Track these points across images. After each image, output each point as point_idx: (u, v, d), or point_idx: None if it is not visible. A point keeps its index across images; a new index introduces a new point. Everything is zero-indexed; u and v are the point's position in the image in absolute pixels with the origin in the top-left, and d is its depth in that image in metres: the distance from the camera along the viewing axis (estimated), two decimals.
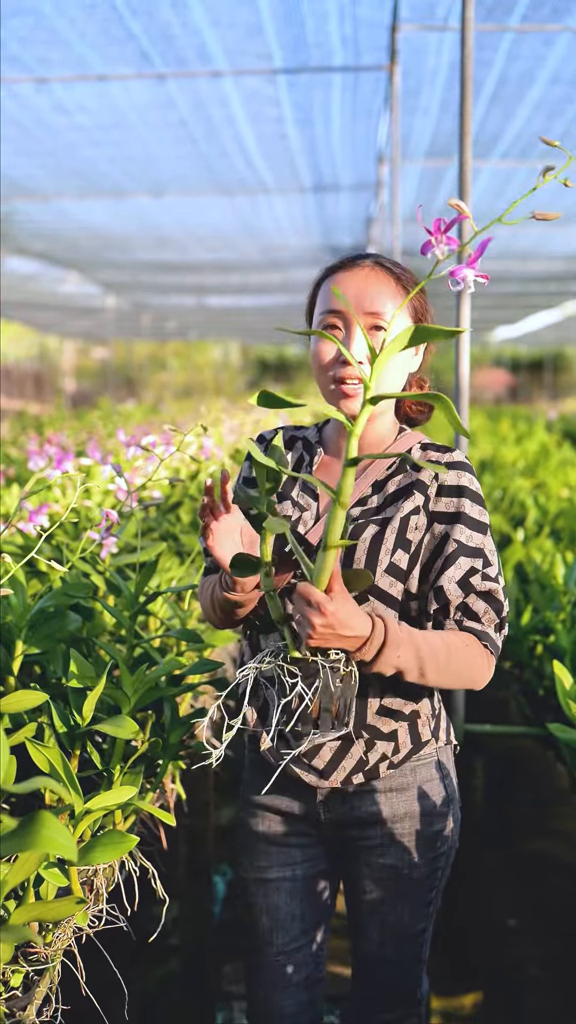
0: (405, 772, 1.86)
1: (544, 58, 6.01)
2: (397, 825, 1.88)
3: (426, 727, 1.86)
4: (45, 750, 1.54)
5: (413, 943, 1.95)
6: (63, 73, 6.07)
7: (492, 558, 1.81)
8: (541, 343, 30.51)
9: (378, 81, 6.41)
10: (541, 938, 3.25)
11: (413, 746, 1.85)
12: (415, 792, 1.87)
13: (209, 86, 6.39)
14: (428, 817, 1.88)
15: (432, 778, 1.89)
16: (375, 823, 1.88)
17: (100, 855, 1.50)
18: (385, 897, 1.91)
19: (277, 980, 1.99)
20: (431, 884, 1.93)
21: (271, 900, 1.97)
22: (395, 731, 1.83)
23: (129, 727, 1.75)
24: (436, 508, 1.80)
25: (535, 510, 4.82)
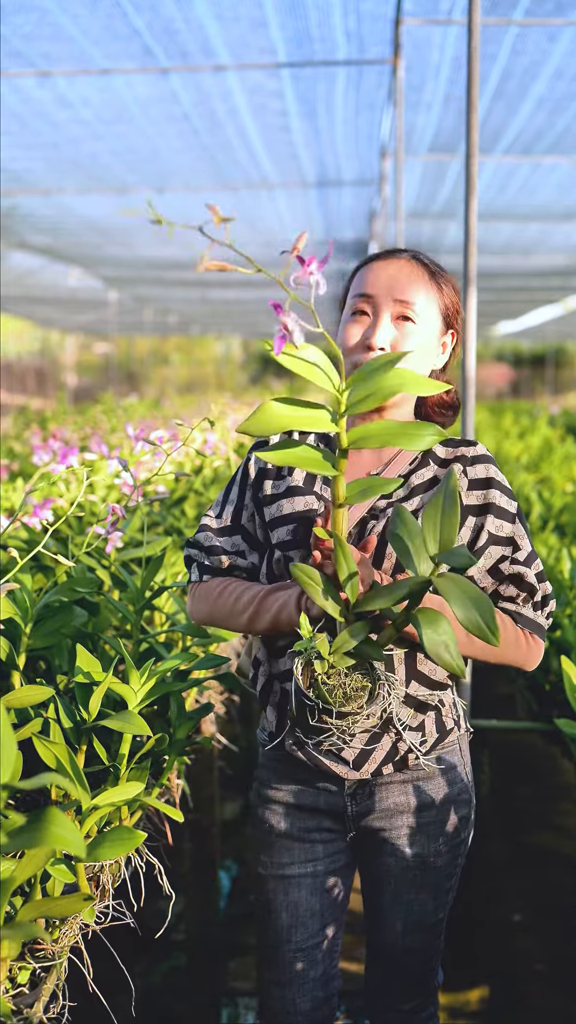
0: (431, 760, 1.88)
1: (548, 53, 5.98)
2: (424, 813, 1.89)
3: (449, 716, 1.88)
4: (52, 746, 1.53)
5: (434, 931, 1.97)
6: (66, 68, 6.04)
7: (523, 543, 1.83)
8: (543, 338, 30.46)
9: (381, 75, 6.38)
10: (546, 933, 3.25)
11: (439, 735, 1.87)
12: (441, 780, 1.89)
13: (212, 80, 6.37)
14: (453, 804, 1.90)
15: (455, 765, 1.91)
16: (403, 812, 1.89)
17: (107, 851, 1.49)
18: (411, 887, 1.92)
19: (294, 977, 1.98)
20: (452, 871, 1.95)
21: (291, 896, 1.96)
22: (423, 721, 1.85)
23: (136, 723, 1.74)
24: (467, 502, 1.82)
25: (539, 505, 4.81)
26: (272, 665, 1.91)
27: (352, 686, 1.62)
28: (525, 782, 3.86)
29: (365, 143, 7.88)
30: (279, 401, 1.50)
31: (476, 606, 1.47)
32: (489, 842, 2.84)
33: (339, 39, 5.72)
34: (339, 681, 1.63)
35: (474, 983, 3.11)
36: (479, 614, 1.47)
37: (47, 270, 15.16)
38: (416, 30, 5.75)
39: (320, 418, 1.49)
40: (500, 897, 3.50)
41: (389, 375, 1.49)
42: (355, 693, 1.62)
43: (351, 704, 1.61)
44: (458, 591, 1.49)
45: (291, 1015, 1.99)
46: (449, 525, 1.53)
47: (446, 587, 1.49)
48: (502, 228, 11.13)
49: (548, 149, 7.87)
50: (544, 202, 9.85)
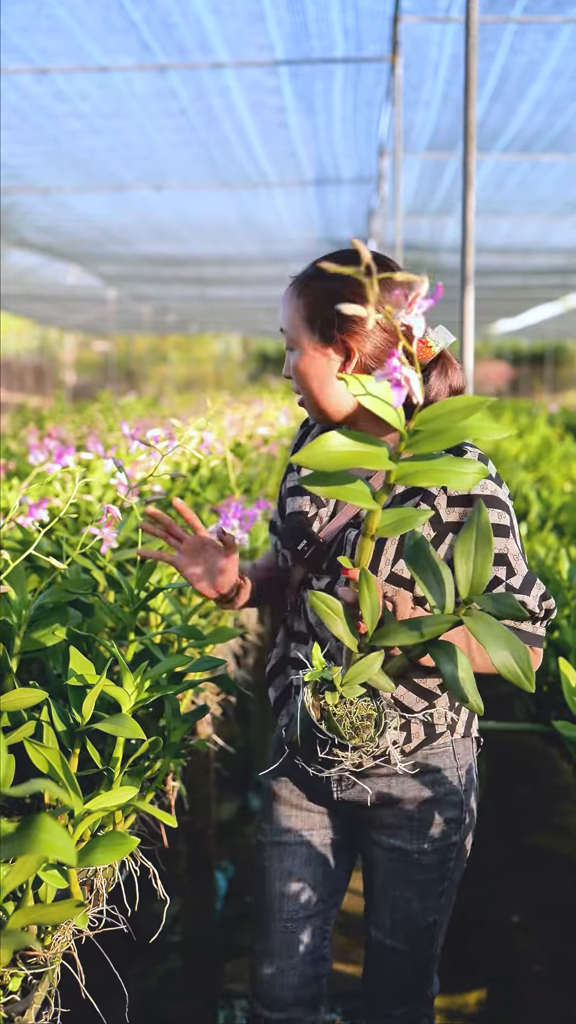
0: (416, 759, 1.86)
1: (547, 51, 5.97)
2: (406, 807, 1.88)
3: (442, 720, 1.86)
4: (44, 750, 1.52)
5: (424, 935, 1.94)
6: (64, 63, 6.03)
7: (517, 564, 1.75)
8: (542, 336, 30.45)
9: (380, 73, 6.37)
10: (546, 933, 3.24)
11: (426, 737, 1.86)
12: (426, 779, 1.88)
13: (210, 76, 6.36)
14: (437, 803, 1.88)
15: (444, 767, 1.89)
16: (385, 804, 1.89)
17: (100, 857, 1.47)
18: (395, 880, 1.92)
19: (283, 949, 2.00)
20: (442, 874, 1.92)
21: (285, 864, 2.00)
22: (408, 723, 1.84)
23: (129, 726, 1.72)
24: (449, 519, 1.75)
25: (538, 504, 4.80)
26: (287, 648, 1.98)
27: (357, 715, 1.62)
28: (524, 783, 3.84)
29: (363, 141, 7.87)
30: (336, 437, 1.41)
31: (511, 649, 1.46)
32: (487, 843, 2.82)
33: (337, 36, 5.70)
34: (345, 711, 1.62)
35: (473, 985, 3.09)
36: (514, 658, 1.46)
37: (46, 268, 15.14)
38: (414, 27, 5.74)
39: (380, 455, 1.41)
40: (499, 898, 3.49)
41: (465, 420, 1.40)
42: (361, 723, 1.62)
43: (360, 736, 1.60)
44: (492, 635, 1.47)
45: (278, 988, 2.00)
46: (482, 565, 1.51)
47: (479, 629, 1.48)
48: (501, 226, 11.12)
49: (547, 147, 7.87)
50: (543, 200, 9.83)
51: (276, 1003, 2.01)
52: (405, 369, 1.33)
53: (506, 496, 1.79)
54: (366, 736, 1.60)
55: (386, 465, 1.40)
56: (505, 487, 1.81)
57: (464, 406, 1.41)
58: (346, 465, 1.39)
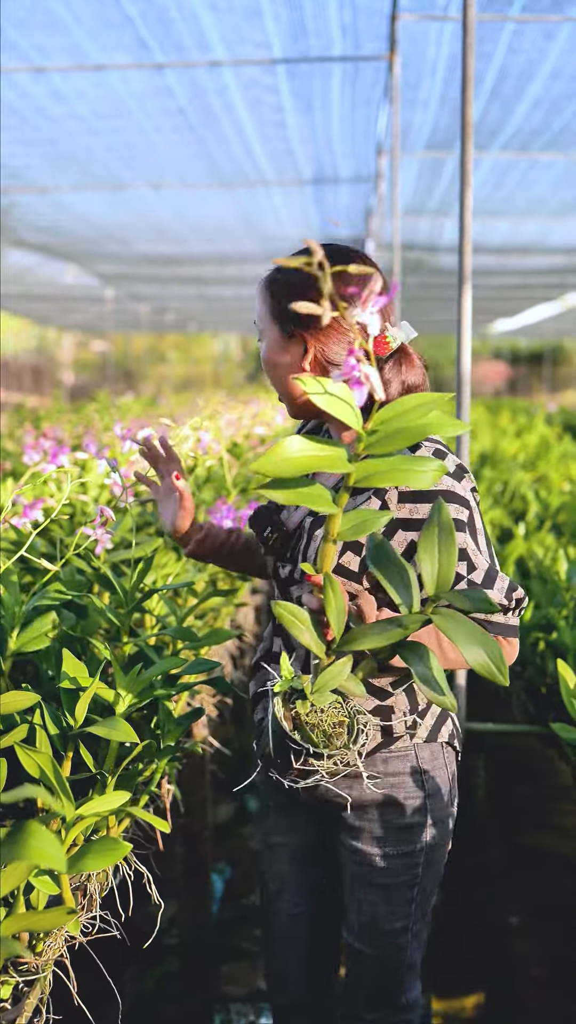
0: (375, 762, 1.85)
1: (545, 51, 5.95)
2: (367, 811, 1.87)
3: (400, 723, 1.84)
4: (36, 755, 1.50)
5: (392, 940, 1.93)
6: (60, 62, 6.00)
7: (477, 558, 1.72)
8: (540, 335, 30.44)
9: (378, 71, 6.34)
10: (544, 936, 3.22)
11: (383, 740, 1.84)
12: (384, 782, 1.85)
13: (208, 75, 6.33)
14: (397, 808, 1.86)
15: (403, 771, 1.86)
16: (345, 806, 1.88)
17: (92, 862, 1.45)
18: (360, 883, 1.92)
19: (285, 943, 2.07)
20: (409, 880, 1.90)
21: (275, 867, 2.05)
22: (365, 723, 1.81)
23: (122, 729, 1.70)
24: (400, 515, 1.73)
25: (536, 504, 4.78)
26: (272, 642, 1.98)
27: (329, 722, 1.60)
28: (521, 783, 3.82)
29: (361, 140, 7.85)
30: (294, 441, 1.39)
31: (483, 646, 1.44)
32: (485, 844, 2.80)
33: (335, 34, 5.68)
34: (317, 719, 1.59)
35: (470, 988, 3.07)
36: (487, 654, 1.44)
37: (44, 267, 15.12)
38: (412, 26, 5.72)
39: (339, 458, 1.39)
40: (497, 899, 3.47)
41: (422, 418, 1.39)
42: (333, 730, 1.59)
43: (334, 743, 1.58)
44: (463, 632, 1.45)
45: (284, 977, 2.08)
46: (447, 562, 1.49)
47: (449, 626, 1.46)
48: (499, 225, 11.09)
49: (545, 146, 7.84)
50: (541, 199, 9.81)
51: (283, 989, 2.10)
52: (364, 367, 1.31)
53: (466, 490, 1.76)
54: (340, 743, 1.58)
55: (345, 468, 1.38)
56: (468, 480, 1.77)
57: (420, 403, 1.40)
58: (304, 470, 1.36)
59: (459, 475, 1.76)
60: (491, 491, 5.33)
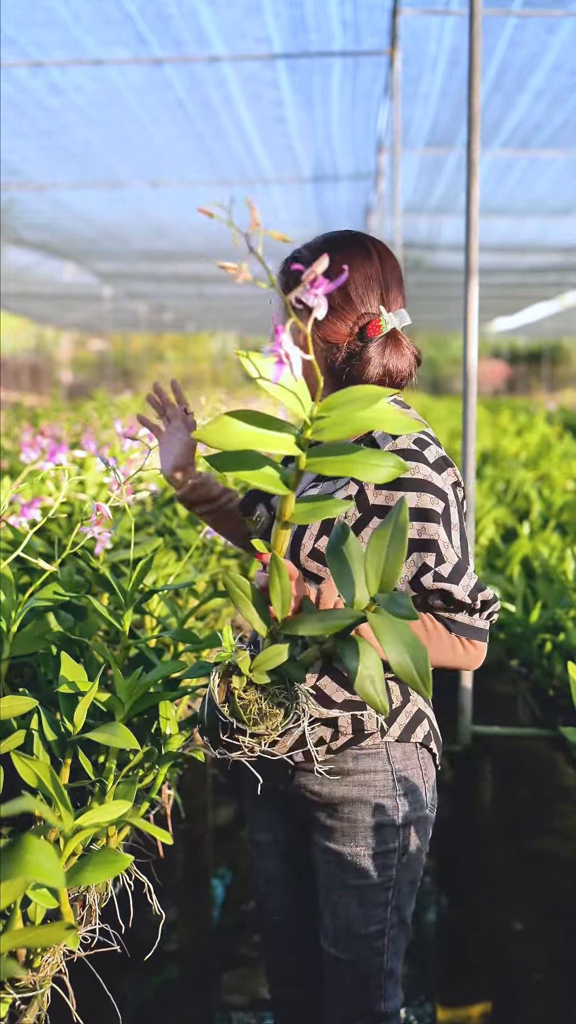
0: (346, 759, 1.81)
1: (547, 45, 5.91)
2: (338, 809, 1.84)
3: (372, 719, 1.80)
4: (33, 763, 1.44)
5: (366, 945, 1.88)
6: (59, 57, 5.95)
7: (447, 551, 1.69)
8: (539, 334, 30.40)
9: (378, 67, 6.29)
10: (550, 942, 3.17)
11: (354, 735, 1.80)
12: (356, 780, 1.82)
13: (207, 70, 6.28)
14: (368, 806, 1.83)
15: (375, 770, 1.82)
16: (318, 804, 1.85)
17: (91, 875, 1.40)
18: (333, 884, 1.88)
19: (282, 940, 2.06)
20: (383, 883, 1.86)
21: (262, 863, 2.04)
22: (335, 718, 1.79)
23: (123, 736, 1.65)
24: (376, 501, 1.72)
25: (539, 503, 4.73)
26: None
27: (268, 703, 1.56)
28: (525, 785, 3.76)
29: (361, 136, 7.80)
30: (241, 416, 1.37)
31: (410, 652, 1.39)
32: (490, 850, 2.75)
33: (335, 29, 5.63)
34: (255, 696, 1.56)
35: (474, 994, 3.02)
36: (412, 661, 1.39)
37: (42, 266, 15.08)
38: (413, 20, 5.67)
39: (284, 441, 1.37)
40: (501, 903, 3.41)
41: (365, 410, 1.36)
42: (270, 711, 1.56)
43: (265, 723, 1.55)
44: (392, 634, 1.40)
45: (284, 977, 2.08)
46: (393, 562, 1.45)
47: (380, 626, 1.42)
48: (499, 224, 11.05)
49: (546, 143, 7.80)
50: (541, 197, 9.77)
51: (280, 983, 2.10)
52: (288, 346, 1.28)
53: (446, 483, 1.73)
54: (271, 724, 1.55)
55: (291, 450, 1.36)
56: (450, 475, 1.75)
57: (364, 395, 1.37)
58: (247, 446, 1.35)
59: (440, 467, 1.74)
60: (493, 490, 5.28)
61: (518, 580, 3.19)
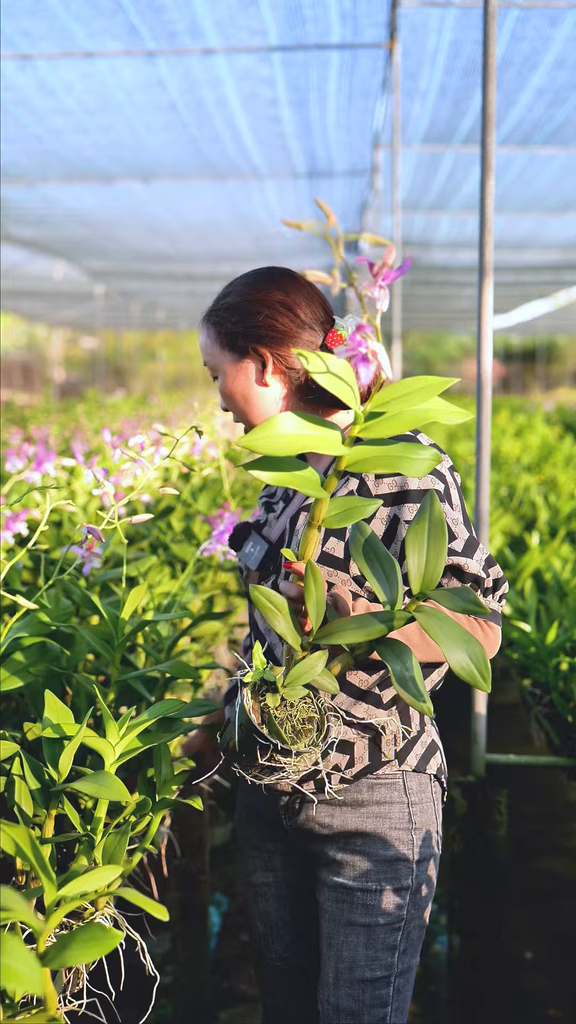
0: (361, 788, 1.72)
1: (549, 39, 5.75)
2: (349, 842, 1.73)
3: (390, 746, 1.71)
4: (11, 829, 1.28)
5: (371, 993, 1.72)
6: (48, 50, 5.77)
7: (457, 528, 1.66)
8: (534, 332, 30.28)
9: (376, 61, 6.13)
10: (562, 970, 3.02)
11: (370, 763, 1.71)
12: (371, 811, 1.72)
13: (200, 64, 6.11)
14: (382, 840, 1.72)
15: (391, 800, 1.72)
16: (328, 837, 1.74)
17: (76, 955, 1.24)
18: (339, 924, 1.74)
19: (281, 984, 1.94)
20: (392, 923, 1.73)
21: (260, 906, 1.92)
22: (352, 744, 1.70)
23: (112, 787, 1.49)
24: (379, 491, 1.67)
25: (546, 510, 4.56)
26: (251, 638, 1.90)
27: (299, 718, 1.48)
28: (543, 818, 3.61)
29: (357, 132, 7.63)
30: (288, 418, 1.32)
31: (466, 648, 1.36)
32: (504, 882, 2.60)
33: (333, 20, 5.46)
34: (286, 714, 1.47)
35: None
36: (471, 658, 1.36)
37: (32, 263, 14.91)
38: (413, 13, 5.50)
39: (332, 440, 1.32)
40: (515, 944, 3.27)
41: (422, 403, 1.32)
42: (303, 726, 1.47)
43: (303, 740, 1.46)
44: (446, 631, 1.37)
45: (281, 1018, 1.95)
46: (435, 557, 1.41)
47: (432, 625, 1.37)
48: (496, 222, 10.89)
49: (546, 140, 7.65)
50: (539, 195, 9.63)
51: None
52: (372, 343, 1.25)
53: (443, 465, 1.70)
54: (307, 740, 1.47)
55: (339, 450, 1.32)
56: (445, 458, 1.72)
57: (425, 386, 1.34)
58: (297, 450, 1.30)
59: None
60: (497, 494, 5.12)
61: (530, 596, 3.03)
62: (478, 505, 2.50)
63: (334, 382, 1.29)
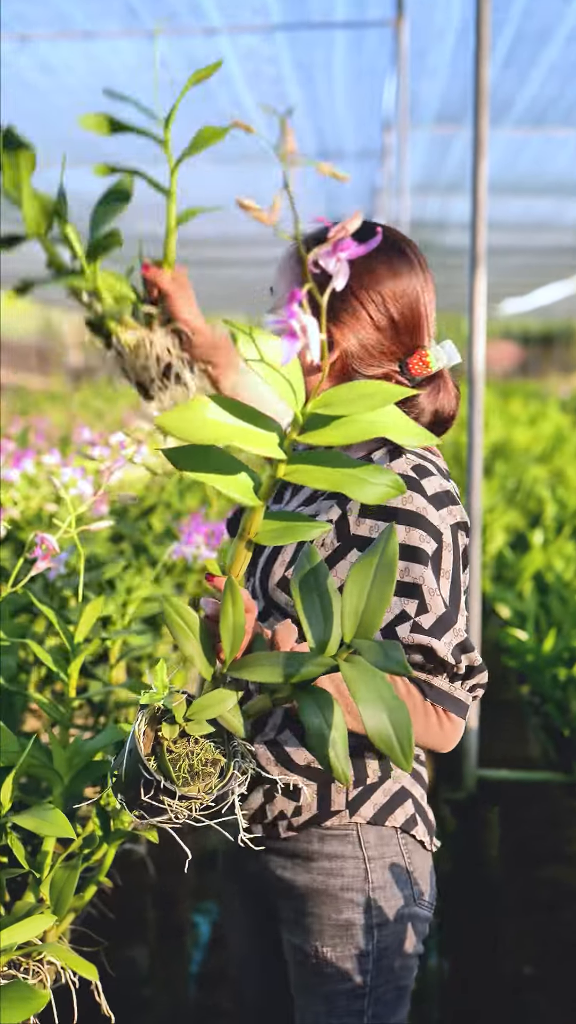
0: (311, 839, 1.52)
1: (563, 15, 5.60)
2: (300, 901, 1.54)
3: (340, 794, 1.50)
4: None
5: None
6: (46, 31, 5.65)
7: (433, 599, 1.40)
8: (552, 316, 30.02)
9: (383, 39, 5.98)
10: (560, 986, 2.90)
11: (318, 812, 1.50)
12: (320, 866, 1.52)
13: (203, 45, 5.97)
14: (334, 900, 1.51)
15: (344, 855, 1.51)
16: (284, 892, 1.56)
17: None
18: (299, 987, 1.58)
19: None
20: (353, 990, 1.52)
21: (236, 949, 1.77)
22: (299, 789, 1.49)
23: (56, 823, 1.38)
24: (358, 531, 1.44)
25: (553, 504, 4.41)
26: None
27: (201, 758, 1.27)
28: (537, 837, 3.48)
29: (366, 113, 7.49)
30: (218, 402, 1.12)
31: (389, 715, 1.12)
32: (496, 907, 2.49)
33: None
34: (185, 750, 1.27)
35: None
36: (392, 726, 1.12)
37: None
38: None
39: (266, 440, 1.13)
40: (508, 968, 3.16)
41: (373, 411, 1.12)
42: (203, 768, 1.26)
43: (197, 784, 1.25)
44: (370, 690, 1.13)
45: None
46: (376, 602, 1.18)
47: (355, 679, 1.14)
48: (513, 204, 10.73)
49: (561, 120, 7.49)
50: (556, 177, 9.47)
51: None
52: (304, 316, 1.03)
53: (444, 521, 1.43)
54: (204, 786, 1.25)
55: (274, 453, 1.12)
56: (452, 514, 1.45)
57: (377, 391, 1.12)
58: (220, 441, 1.10)
59: (440, 502, 1.44)
60: (503, 488, 4.98)
61: (529, 599, 2.89)
62: (470, 509, 2.37)
63: (269, 373, 1.12)
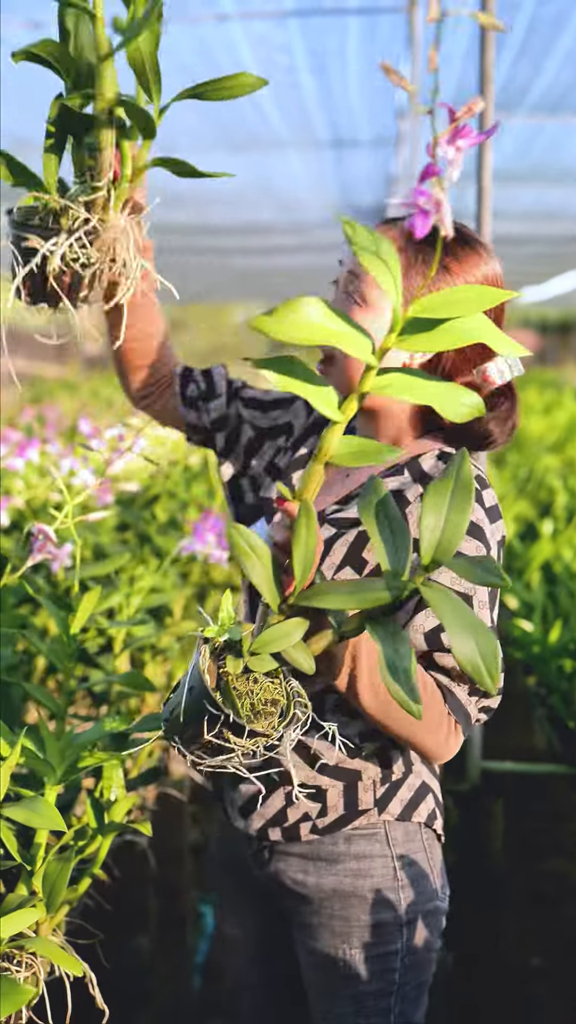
0: (337, 840, 1.51)
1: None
2: (326, 904, 1.52)
3: (368, 792, 1.50)
4: None
5: None
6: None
7: (481, 613, 1.38)
8: (570, 305, 29.85)
9: (396, 25, 5.96)
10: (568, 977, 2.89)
11: (346, 812, 1.49)
12: (348, 867, 1.51)
13: (215, 31, 5.95)
14: (363, 901, 1.51)
15: (372, 854, 1.51)
16: (302, 897, 1.54)
17: None
18: (325, 993, 1.56)
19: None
20: (383, 988, 1.53)
21: (239, 959, 1.82)
22: (325, 791, 1.48)
23: (46, 815, 1.37)
24: (413, 535, 1.39)
25: (564, 494, 4.37)
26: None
27: (261, 697, 1.24)
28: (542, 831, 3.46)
29: (381, 101, 7.45)
30: (319, 305, 1.10)
31: (475, 637, 1.10)
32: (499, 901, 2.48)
33: None
34: (247, 688, 1.24)
35: None
36: (480, 649, 1.09)
37: None
38: None
39: (362, 345, 1.11)
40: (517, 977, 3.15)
41: (472, 310, 1.09)
42: (264, 708, 1.24)
43: (260, 721, 1.22)
44: (454, 613, 1.11)
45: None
46: (456, 525, 1.15)
47: (439, 603, 1.12)
48: (527, 192, 10.66)
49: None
50: (572, 165, 9.41)
51: None
52: (438, 192, 1.00)
53: (493, 536, 1.42)
54: (267, 724, 1.23)
55: (368, 358, 1.11)
56: (499, 526, 1.45)
57: (481, 295, 1.10)
58: (319, 341, 1.09)
59: (494, 516, 1.44)
60: (516, 477, 4.95)
61: (537, 589, 2.87)
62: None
63: (376, 264, 1.08)
